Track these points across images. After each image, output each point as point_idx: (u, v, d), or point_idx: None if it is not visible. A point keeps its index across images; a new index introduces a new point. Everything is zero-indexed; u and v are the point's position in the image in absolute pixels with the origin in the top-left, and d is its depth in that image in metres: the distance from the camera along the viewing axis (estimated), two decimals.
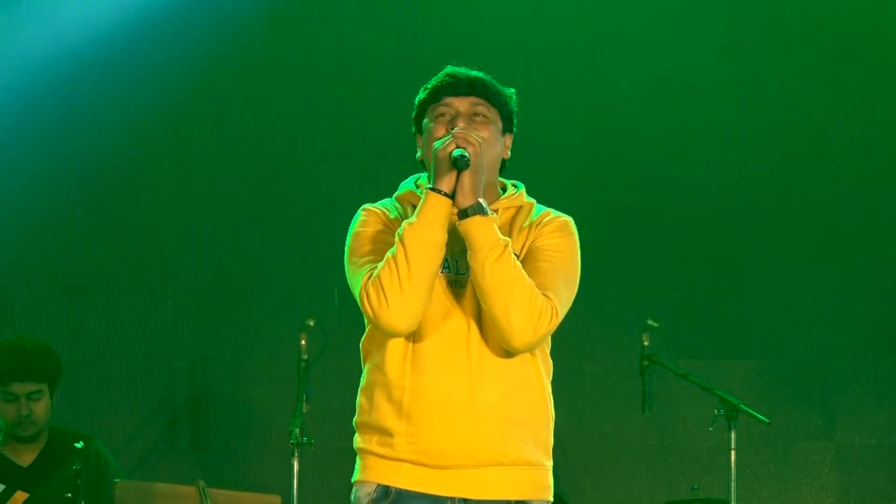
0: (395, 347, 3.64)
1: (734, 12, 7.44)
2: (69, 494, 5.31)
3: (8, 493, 5.70)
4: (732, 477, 5.98)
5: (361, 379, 3.73)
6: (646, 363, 6.25)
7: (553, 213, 3.79)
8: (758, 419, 6.03)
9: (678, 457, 7.25)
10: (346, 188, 7.20)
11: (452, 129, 3.64)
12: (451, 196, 3.56)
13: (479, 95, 3.72)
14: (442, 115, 3.71)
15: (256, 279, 7.25)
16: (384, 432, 3.63)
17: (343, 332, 6.66)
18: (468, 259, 3.56)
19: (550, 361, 3.79)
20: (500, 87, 3.78)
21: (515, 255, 3.62)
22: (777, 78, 7.40)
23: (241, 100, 7.32)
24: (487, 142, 3.64)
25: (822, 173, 7.41)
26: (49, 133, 7.26)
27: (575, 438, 7.28)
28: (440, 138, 3.64)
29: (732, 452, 5.99)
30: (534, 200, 3.83)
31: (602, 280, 7.35)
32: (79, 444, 5.37)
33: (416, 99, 3.79)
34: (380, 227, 3.70)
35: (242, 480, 7.18)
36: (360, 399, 3.71)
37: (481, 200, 3.57)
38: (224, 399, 7.24)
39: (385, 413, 3.63)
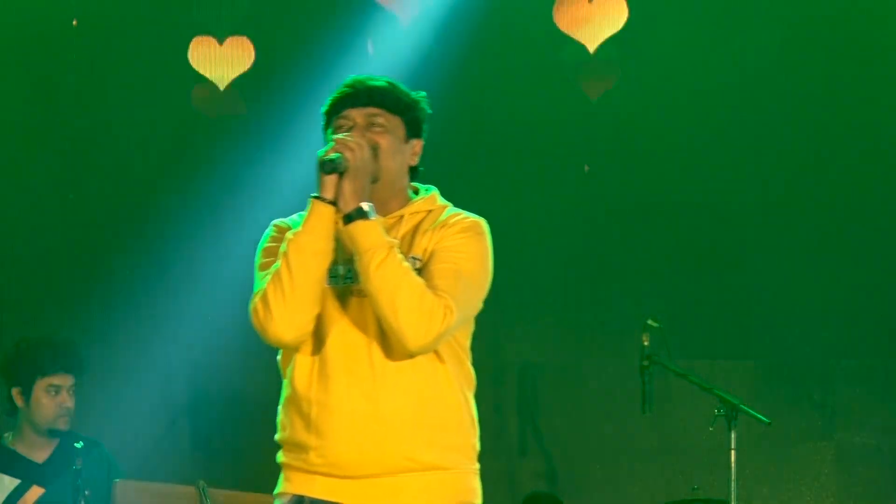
0: (303, 362, 3.64)
1: (735, 13, 7.44)
2: (87, 492, 5.34)
3: (24, 487, 5.73)
4: (732, 477, 5.98)
5: (281, 394, 3.74)
6: (646, 363, 6.25)
7: (464, 214, 3.73)
8: (758, 419, 6.03)
9: (678, 457, 7.25)
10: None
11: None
12: (336, 203, 3.54)
13: (376, 105, 3.68)
14: (340, 127, 3.68)
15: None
16: (298, 446, 3.66)
17: None
18: (355, 261, 3.55)
19: (470, 370, 3.75)
20: (402, 94, 3.73)
21: (416, 258, 3.60)
22: (778, 78, 7.40)
23: (245, 101, 7.33)
24: (385, 149, 3.62)
25: (823, 173, 7.40)
26: (49, 132, 7.26)
27: (575, 438, 7.28)
28: None
29: (732, 452, 5.99)
30: (448, 204, 3.79)
31: (602, 280, 7.35)
32: (78, 444, 5.39)
33: (322, 110, 3.76)
34: (278, 242, 3.66)
35: (242, 480, 7.18)
36: (279, 415, 3.74)
37: (364, 205, 3.53)
38: (224, 399, 7.24)
39: (297, 428, 3.65)
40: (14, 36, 7.27)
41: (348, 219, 3.53)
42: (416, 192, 3.79)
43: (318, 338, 3.63)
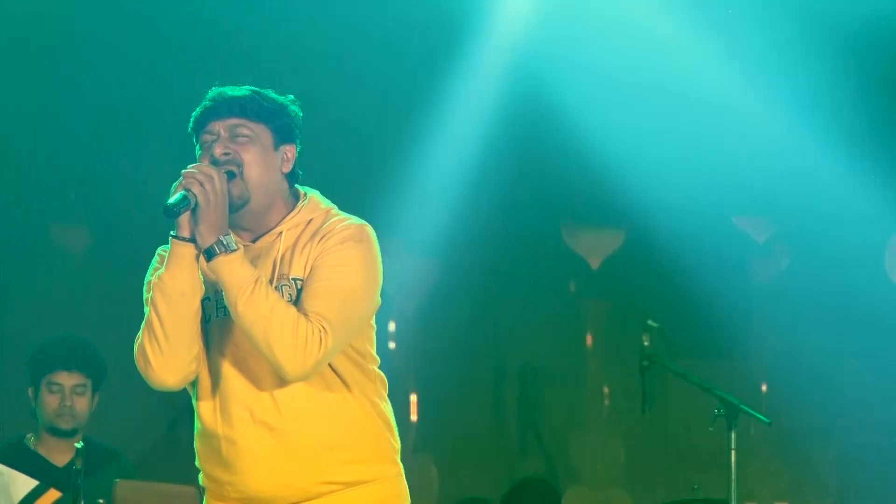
0: (205, 396, 3.60)
1: (735, 16, 7.45)
2: (101, 501, 5.32)
3: (42, 489, 5.72)
4: (732, 477, 5.98)
5: (194, 425, 3.71)
6: (646, 363, 6.24)
7: (345, 222, 3.60)
8: (758, 419, 6.03)
9: (678, 457, 7.25)
10: (344, 186, 7.20)
11: (212, 157, 3.54)
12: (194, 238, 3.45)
13: (238, 115, 3.57)
14: (205, 141, 3.59)
15: None
16: (213, 479, 3.64)
17: None
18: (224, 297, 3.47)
19: (374, 373, 3.66)
20: (266, 101, 3.61)
21: (297, 279, 3.51)
22: (775, 80, 7.40)
23: None
24: (250, 162, 3.52)
25: (823, 173, 7.41)
26: (49, 131, 7.27)
27: (575, 439, 7.28)
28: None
29: (732, 452, 5.99)
30: (330, 207, 3.67)
31: (602, 280, 7.35)
32: (79, 445, 5.37)
33: (189, 126, 3.67)
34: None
35: None
36: (195, 446, 3.72)
37: (223, 238, 3.42)
38: None
39: (210, 461, 3.63)
40: (14, 36, 7.26)
41: (209, 255, 3.43)
42: (298, 195, 3.68)
43: (214, 371, 3.57)
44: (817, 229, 7.41)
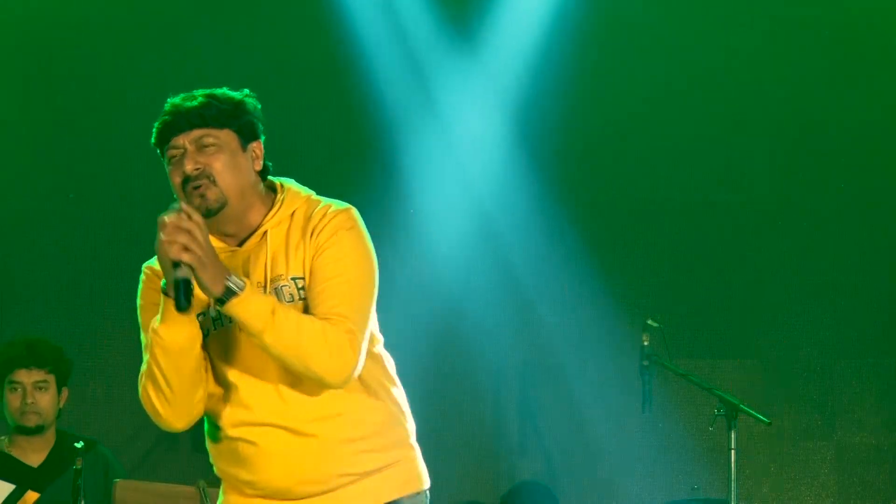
0: (216, 401, 3.56)
1: (735, 11, 7.44)
2: (83, 502, 5.32)
3: (19, 493, 5.71)
4: (732, 477, 5.98)
5: (205, 425, 3.68)
6: (646, 363, 6.24)
7: (329, 208, 3.56)
8: (758, 419, 6.03)
9: (678, 457, 7.24)
10: (344, 186, 7.20)
11: (184, 173, 3.48)
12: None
13: (199, 126, 3.51)
14: (172, 157, 3.54)
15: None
16: (230, 477, 3.61)
17: None
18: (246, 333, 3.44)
19: (380, 356, 3.66)
20: (223, 103, 3.54)
21: (297, 277, 3.49)
22: (778, 77, 7.40)
23: None
24: (221, 170, 3.48)
25: (823, 173, 7.40)
26: (49, 131, 7.26)
27: (575, 438, 7.28)
28: (179, 184, 3.50)
29: (732, 452, 5.98)
30: (309, 194, 3.64)
31: (602, 280, 7.35)
32: (79, 444, 5.37)
33: (151, 141, 3.62)
34: (152, 299, 3.52)
35: None
36: (207, 445, 3.67)
37: (228, 283, 3.35)
38: None
39: (227, 462, 3.59)
40: (14, 36, 7.26)
41: (220, 303, 3.37)
42: (274, 187, 3.64)
43: (222, 379, 3.54)
44: (817, 228, 7.40)
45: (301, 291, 3.51)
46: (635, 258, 7.35)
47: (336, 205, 3.59)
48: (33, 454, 5.82)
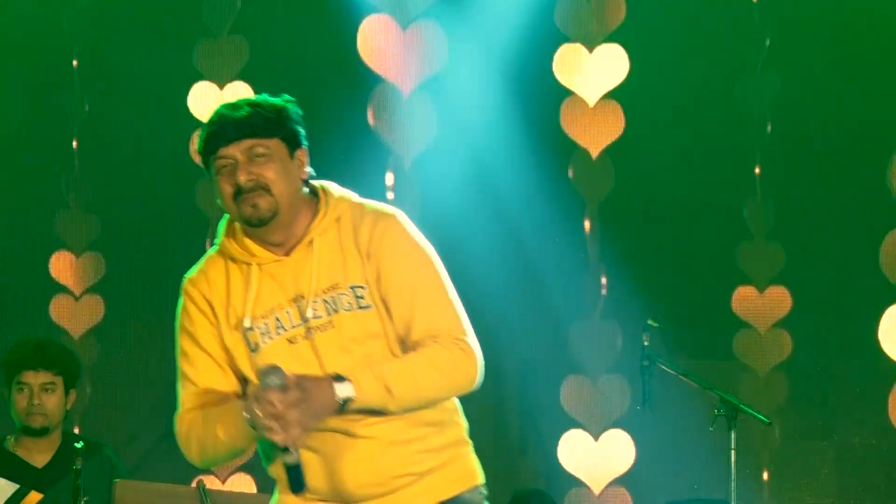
0: None
1: (735, 11, 7.44)
2: (86, 497, 5.32)
3: (23, 493, 5.72)
4: (732, 477, 5.98)
5: None
6: (646, 363, 6.24)
7: (377, 217, 3.56)
8: (758, 419, 6.03)
9: (678, 457, 7.24)
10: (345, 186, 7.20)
11: (237, 184, 3.46)
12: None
13: (249, 136, 3.49)
14: (222, 167, 3.50)
15: None
16: (283, 481, 3.55)
17: None
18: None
19: None
20: (269, 112, 3.53)
21: (357, 286, 3.49)
22: (777, 77, 7.39)
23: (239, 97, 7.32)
24: (274, 180, 3.47)
25: (823, 173, 7.40)
26: (50, 131, 7.27)
27: (574, 438, 7.28)
28: (231, 195, 3.48)
29: (732, 452, 5.98)
30: (349, 198, 3.62)
31: (602, 279, 7.35)
32: (78, 444, 5.37)
33: (197, 147, 3.60)
34: (201, 322, 3.54)
35: (242, 480, 7.18)
36: (260, 451, 3.64)
37: (338, 398, 3.36)
38: None
39: (278, 465, 3.55)
40: (14, 35, 7.26)
41: (339, 411, 3.39)
42: (314, 191, 3.63)
43: None
44: (817, 228, 7.40)
45: (360, 300, 3.49)
46: (635, 258, 7.35)
47: (382, 210, 3.59)
48: (38, 455, 5.83)
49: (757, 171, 7.41)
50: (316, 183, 3.64)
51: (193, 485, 5.51)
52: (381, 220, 3.56)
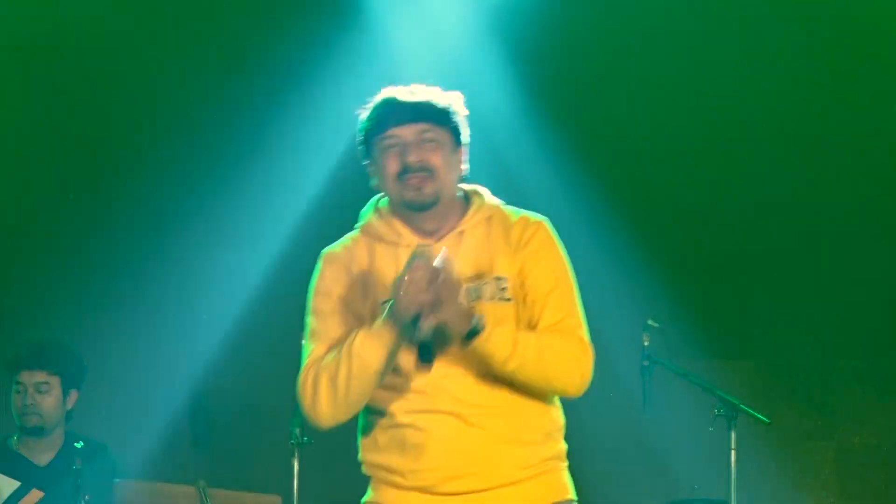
0: (393, 388, 3.57)
1: (735, 11, 7.45)
2: (86, 496, 5.34)
3: (24, 491, 5.73)
4: (732, 477, 5.98)
5: (360, 418, 3.68)
6: (646, 363, 6.25)
7: (528, 220, 3.68)
8: (758, 419, 6.03)
9: (678, 457, 7.25)
10: (347, 188, 7.21)
11: (405, 164, 3.53)
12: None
13: (423, 120, 3.58)
14: (390, 146, 3.58)
15: (257, 278, 7.25)
16: (391, 469, 3.60)
17: None
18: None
19: None
20: (442, 101, 3.63)
21: (501, 277, 3.55)
22: (779, 78, 7.40)
23: (244, 102, 7.33)
24: (441, 167, 3.54)
25: (823, 173, 7.41)
26: (49, 132, 7.27)
27: (575, 438, 7.27)
28: (395, 173, 3.55)
29: (732, 452, 5.99)
30: (498, 202, 3.73)
31: (602, 280, 7.35)
32: (78, 444, 5.39)
33: (360, 126, 3.65)
34: (339, 287, 3.59)
35: (242, 480, 7.18)
36: (361, 437, 3.68)
37: (474, 320, 3.44)
38: (224, 399, 7.24)
39: (390, 453, 3.59)
40: (14, 35, 7.27)
41: (465, 340, 3.45)
42: (464, 192, 3.73)
43: (405, 366, 3.55)
44: (817, 227, 7.41)
45: (502, 292, 3.57)
46: (635, 258, 7.36)
47: (532, 215, 3.69)
48: (41, 453, 5.85)
49: (758, 169, 7.43)
50: (468, 186, 3.74)
51: (193, 485, 5.52)
52: (533, 223, 3.67)
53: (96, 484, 5.58)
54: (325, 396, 3.50)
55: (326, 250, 3.68)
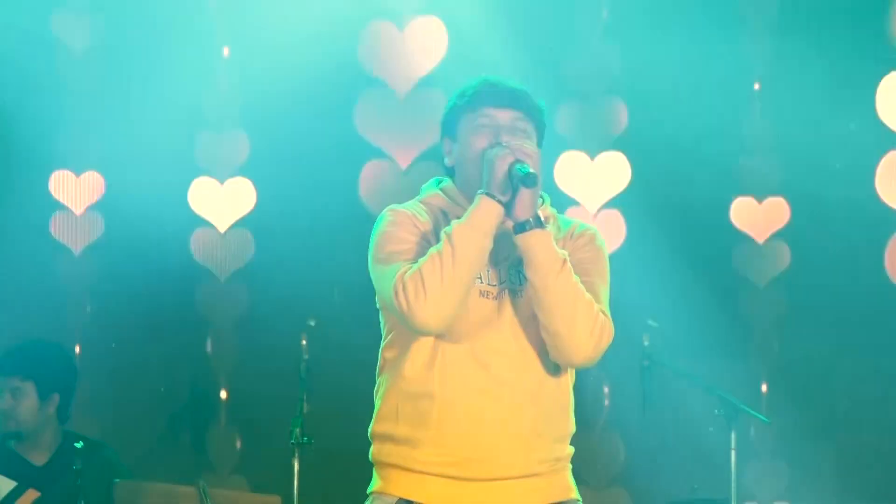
0: (422, 355, 3.53)
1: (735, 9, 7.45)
2: (87, 496, 5.34)
3: (20, 490, 5.73)
4: (732, 477, 5.98)
5: (380, 386, 3.63)
6: (646, 363, 6.24)
7: (580, 223, 3.73)
8: (758, 419, 6.03)
9: (678, 457, 7.25)
10: (347, 188, 7.21)
11: (497, 141, 3.55)
12: (503, 205, 3.47)
13: (519, 109, 3.61)
14: (483, 126, 3.59)
15: (257, 279, 7.25)
16: (408, 442, 3.54)
17: (343, 331, 6.67)
18: (527, 273, 3.49)
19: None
20: (536, 98, 3.68)
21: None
22: (777, 77, 7.40)
23: (240, 99, 7.33)
24: (535, 157, 3.54)
25: (823, 173, 7.40)
26: (50, 132, 7.27)
27: (575, 438, 7.27)
28: (482, 150, 3.56)
29: (732, 452, 5.99)
30: (556, 211, 3.76)
31: None
32: (78, 444, 5.38)
33: (450, 104, 3.67)
34: (410, 228, 3.58)
35: (242, 480, 7.18)
36: (380, 407, 3.61)
37: (540, 212, 3.51)
38: (224, 399, 7.24)
39: (411, 422, 3.53)
40: (14, 35, 7.27)
41: (523, 227, 3.48)
42: None
43: (456, 334, 3.54)
44: (817, 227, 7.40)
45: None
46: (635, 258, 7.36)
47: (586, 223, 3.75)
48: (38, 453, 5.85)
49: (759, 168, 7.42)
50: None
51: (193, 485, 5.51)
52: (587, 226, 3.71)
53: (94, 482, 5.58)
54: (430, 280, 3.41)
55: (392, 206, 3.65)
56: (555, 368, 3.63)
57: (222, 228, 7.33)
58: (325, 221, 7.09)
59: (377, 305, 3.65)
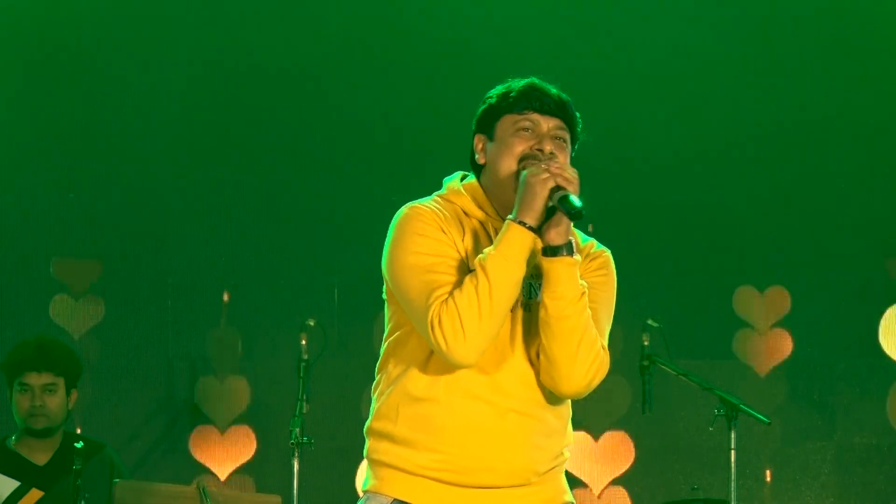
0: (429, 360, 3.48)
1: (736, 9, 7.45)
2: (86, 495, 5.34)
3: (24, 490, 5.74)
4: (732, 477, 5.98)
5: (380, 382, 3.58)
6: (646, 363, 6.24)
7: (595, 244, 3.70)
8: (758, 419, 6.03)
9: (678, 457, 7.25)
10: (347, 187, 7.21)
11: (537, 149, 3.51)
12: (534, 229, 3.42)
13: (562, 118, 3.58)
14: (525, 129, 3.54)
15: (257, 279, 7.25)
16: (407, 444, 3.49)
17: (343, 332, 6.68)
18: (544, 295, 3.45)
19: None
20: (575, 109, 3.64)
21: None
22: (778, 77, 7.40)
23: (240, 99, 7.32)
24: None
25: (823, 173, 7.41)
26: (50, 133, 7.27)
27: (575, 439, 7.28)
28: (521, 154, 3.52)
29: (732, 452, 5.98)
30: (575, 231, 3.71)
31: None
32: (78, 444, 5.39)
33: (489, 101, 3.60)
34: (439, 234, 3.49)
35: (242, 480, 7.18)
36: (380, 404, 3.55)
37: (572, 239, 3.47)
38: (224, 399, 7.24)
39: (412, 424, 3.48)
40: (14, 35, 7.27)
41: (554, 252, 3.44)
42: None
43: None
44: (817, 227, 7.40)
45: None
46: (635, 258, 7.36)
47: (602, 246, 3.73)
48: (40, 453, 5.86)
49: (757, 169, 7.42)
50: None
51: (193, 485, 5.52)
52: (602, 250, 3.71)
53: (95, 482, 5.59)
54: (469, 318, 3.37)
55: (413, 203, 3.57)
56: None
57: None
58: (325, 220, 7.09)
59: (383, 296, 3.61)
